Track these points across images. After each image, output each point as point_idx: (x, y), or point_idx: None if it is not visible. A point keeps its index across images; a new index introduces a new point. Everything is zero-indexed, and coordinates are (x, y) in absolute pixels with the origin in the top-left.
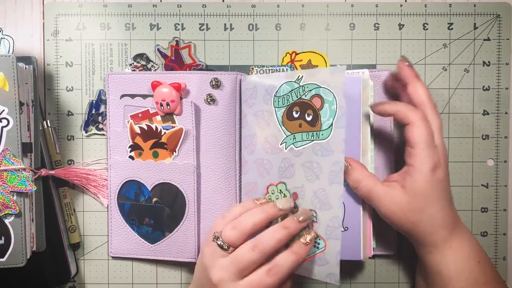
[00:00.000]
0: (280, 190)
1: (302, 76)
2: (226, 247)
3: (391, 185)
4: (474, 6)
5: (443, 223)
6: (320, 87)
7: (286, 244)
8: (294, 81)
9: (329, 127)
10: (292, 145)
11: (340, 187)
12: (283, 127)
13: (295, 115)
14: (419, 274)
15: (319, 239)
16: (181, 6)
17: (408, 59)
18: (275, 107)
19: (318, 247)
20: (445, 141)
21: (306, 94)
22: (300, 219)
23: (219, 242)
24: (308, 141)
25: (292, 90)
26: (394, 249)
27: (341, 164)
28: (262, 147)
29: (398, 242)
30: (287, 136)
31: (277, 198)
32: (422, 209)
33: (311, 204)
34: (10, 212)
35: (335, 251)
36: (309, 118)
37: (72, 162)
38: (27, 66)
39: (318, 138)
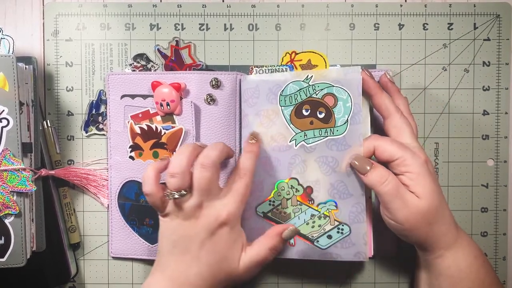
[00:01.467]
0: (292, 185)
1: (312, 76)
2: (184, 192)
3: (409, 191)
4: (474, 6)
5: (452, 220)
6: (333, 86)
7: None
8: (303, 81)
9: (345, 123)
10: (303, 142)
11: (359, 177)
12: (291, 125)
13: (305, 113)
14: (420, 278)
15: (342, 224)
16: (181, 6)
17: (369, 71)
18: (281, 106)
19: (342, 233)
20: (445, 141)
21: (317, 93)
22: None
23: (176, 196)
24: (322, 137)
25: (300, 89)
26: (395, 250)
27: None
28: (267, 145)
29: (398, 243)
30: (296, 134)
31: (288, 194)
32: (437, 208)
33: (328, 195)
34: (10, 212)
35: (361, 233)
36: (321, 116)
37: (72, 162)
38: (27, 66)
39: (333, 134)
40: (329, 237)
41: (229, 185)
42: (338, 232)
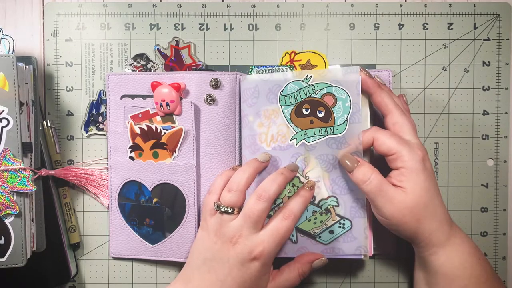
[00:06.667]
0: (293, 183)
1: (311, 76)
2: (231, 210)
3: (393, 187)
4: (474, 6)
5: (444, 218)
6: (332, 86)
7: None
8: (302, 80)
9: (344, 122)
10: (303, 140)
11: None
12: (292, 124)
13: (305, 112)
14: (419, 276)
15: (344, 219)
16: (181, 6)
17: (367, 71)
18: (281, 105)
19: (344, 227)
20: (445, 141)
21: (316, 92)
22: (291, 169)
23: (223, 209)
24: (322, 136)
25: (300, 89)
26: (394, 249)
27: (359, 154)
28: (268, 145)
29: (398, 242)
30: (297, 132)
31: (289, 192)
32: (426, 205)
33: (330, 191)
34: (10, 212)
35: (362, 227)
36: (321, 115)
37: (72, 162)
38: (27, 66)
39: (333, 133)
40: (331, 232)
41: (271, 222)
42: (339, 227)
